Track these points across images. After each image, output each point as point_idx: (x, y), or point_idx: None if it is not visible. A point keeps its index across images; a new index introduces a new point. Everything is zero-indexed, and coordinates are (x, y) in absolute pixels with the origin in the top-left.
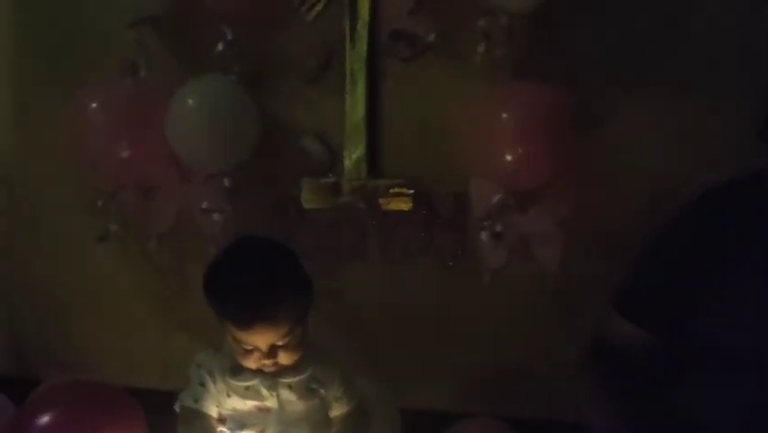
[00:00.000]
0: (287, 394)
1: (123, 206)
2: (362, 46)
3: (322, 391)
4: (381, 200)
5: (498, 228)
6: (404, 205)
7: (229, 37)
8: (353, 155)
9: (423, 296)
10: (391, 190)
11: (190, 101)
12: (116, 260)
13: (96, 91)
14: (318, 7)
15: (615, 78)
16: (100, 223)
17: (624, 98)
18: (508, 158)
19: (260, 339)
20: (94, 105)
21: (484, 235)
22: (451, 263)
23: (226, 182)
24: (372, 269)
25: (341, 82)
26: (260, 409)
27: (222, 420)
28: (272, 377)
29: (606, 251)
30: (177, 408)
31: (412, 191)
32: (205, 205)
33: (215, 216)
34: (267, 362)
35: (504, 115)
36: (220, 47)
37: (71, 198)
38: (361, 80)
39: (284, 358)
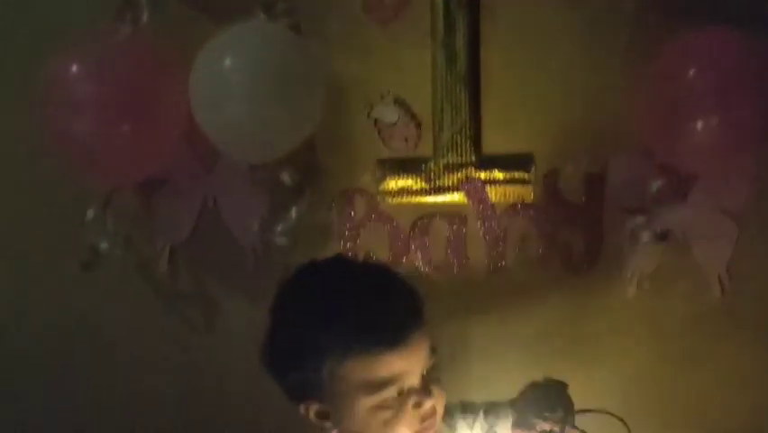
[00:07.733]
0: None
1: (121, 213)
2: None
3: None
4: (491, 190)
5: (660, 227)
6: (524, 195)
7: None
8: (451, 126)
9: (551, 308)
10: (505, 175)
11: (228, 57)
12: (112, 293)
13: (79, 48)
14: None
15: None
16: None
17: None
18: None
19: (416, 358)
20: (75, 67)
21: (645, 235)
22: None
23: (286, 178)
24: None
25: (425, 25)
26: None
27: None
28: None
29: None
30: None
31: (532, 175)
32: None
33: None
34: (427, 405)
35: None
36: None
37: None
38: (460, 23)
39: (438, 399)
